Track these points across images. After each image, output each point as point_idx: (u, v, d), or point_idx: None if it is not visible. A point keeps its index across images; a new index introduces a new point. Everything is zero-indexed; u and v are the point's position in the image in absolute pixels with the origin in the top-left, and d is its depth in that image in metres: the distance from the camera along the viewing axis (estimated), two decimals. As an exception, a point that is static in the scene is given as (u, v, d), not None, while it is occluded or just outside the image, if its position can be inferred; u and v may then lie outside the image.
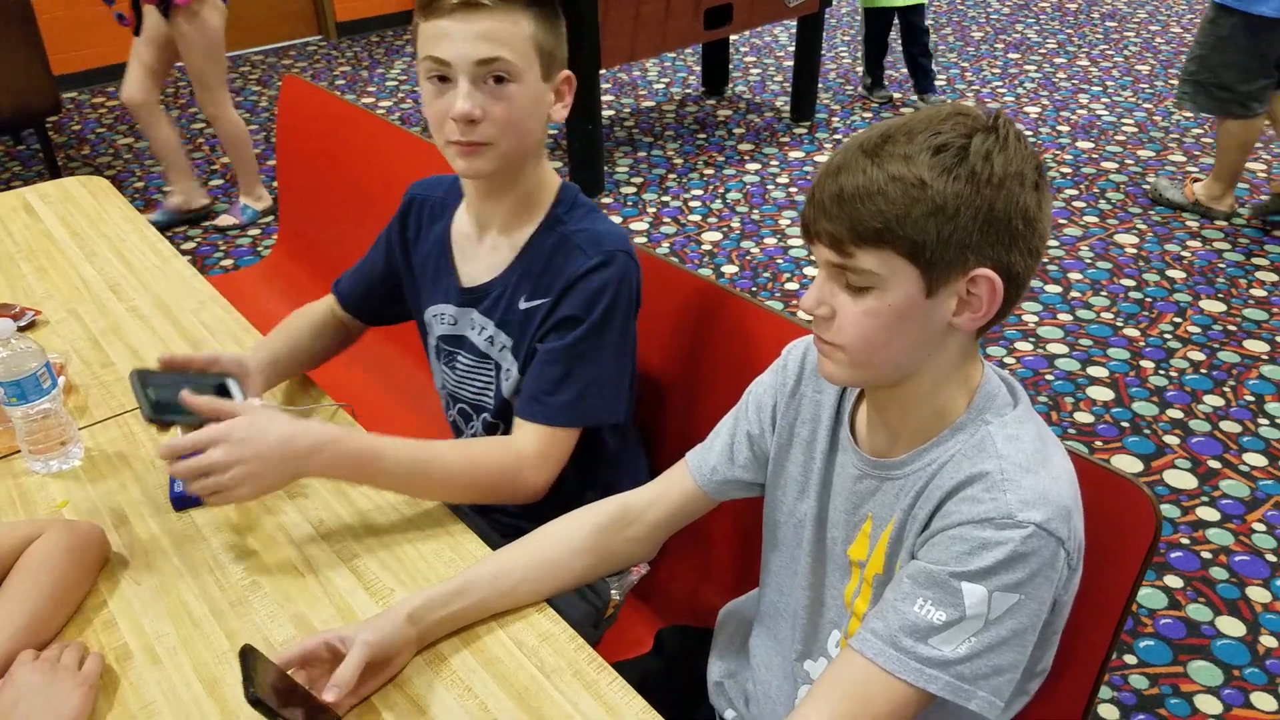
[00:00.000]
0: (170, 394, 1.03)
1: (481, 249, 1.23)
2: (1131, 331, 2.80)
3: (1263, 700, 1.75)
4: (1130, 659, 1.84)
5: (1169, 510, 2.16)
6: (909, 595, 0.80)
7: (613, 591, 1.27)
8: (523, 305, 1.18)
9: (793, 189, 3.66)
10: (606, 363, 1.15)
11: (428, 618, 0.95)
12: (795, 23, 4.09)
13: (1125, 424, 2.43)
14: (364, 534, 1.11)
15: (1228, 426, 2.42)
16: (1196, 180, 3.42)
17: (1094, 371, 2.63)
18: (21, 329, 1.50)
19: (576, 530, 1.04)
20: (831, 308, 0.82)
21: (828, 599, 0.98)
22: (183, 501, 1.14)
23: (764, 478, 1.04)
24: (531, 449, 1.13)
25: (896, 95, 4.52)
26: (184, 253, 3.32)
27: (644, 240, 3.35)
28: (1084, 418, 2.46)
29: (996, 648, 0.78)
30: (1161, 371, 2.62)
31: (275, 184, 3.43)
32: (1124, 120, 4.20)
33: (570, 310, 1.14)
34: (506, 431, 1.20)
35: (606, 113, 4.43)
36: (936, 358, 0.84)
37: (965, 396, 0.86)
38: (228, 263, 3.28)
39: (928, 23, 4.30)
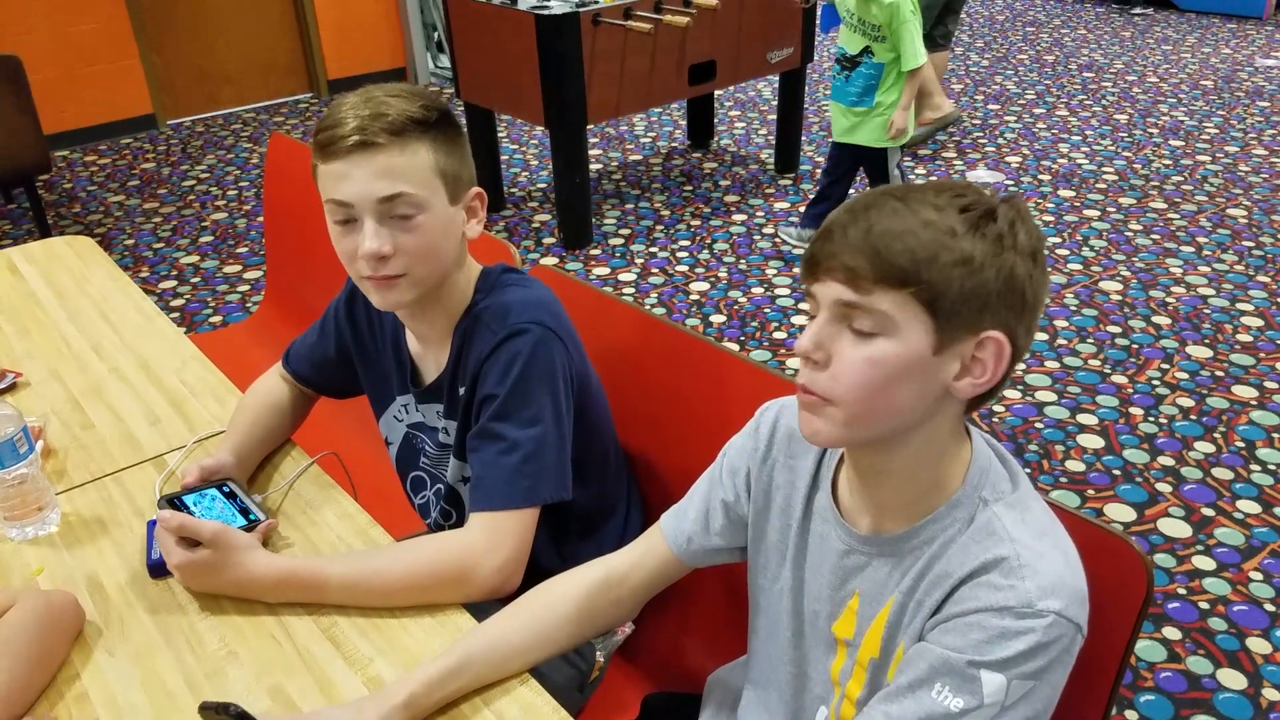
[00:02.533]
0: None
1: (429, 349, 1.25)
2: (1119, 378, 2.80)
3: (1266, 755, 1.72)
4: (1131, 714, 1.80)
5: (1164, 559, 2.15)
6: (925, 681, 0.78)
7: (598, 654, 1.25)
8: (461, 392, 1.19)
9: (778, 239, 3.69)
10: (537, 437, 1.10)
11: (424, 701, 0.92)
12: (778, 78, 4.16)
13: (1117, 471, 2.42)
14: (344, 600, 1.08)
15: (1220, 473, 2.41)
16: (920, 113, 4.36)
17: (1083, 419, 2.63)
18: (0, 392, 1.48)
19: (563, 598, 1.02)
20: (829, 353, 0.79)
21: (812, 674, 0.96)
22: (160, 569, 1.12)
23: (744, 542, 1.02)
24: (478, 537, 1.08)
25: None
26: (173, 309, 3.32)
27: (632, 291, 3.36)
28: (1075, 466, 2.45)
29: None
30: (1151, 418, 2.62)
31: (264, 240, 3.43)
32: (1104, 169, 4.25)
33: (487, 389, 1.13)
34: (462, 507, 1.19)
35: (594, 166, 4.47)
36: (926, 427, 0.81)
37: (959, 471, 0.84)
38: (216, 319, 3.27)
39: (900, 171, 3.34)
